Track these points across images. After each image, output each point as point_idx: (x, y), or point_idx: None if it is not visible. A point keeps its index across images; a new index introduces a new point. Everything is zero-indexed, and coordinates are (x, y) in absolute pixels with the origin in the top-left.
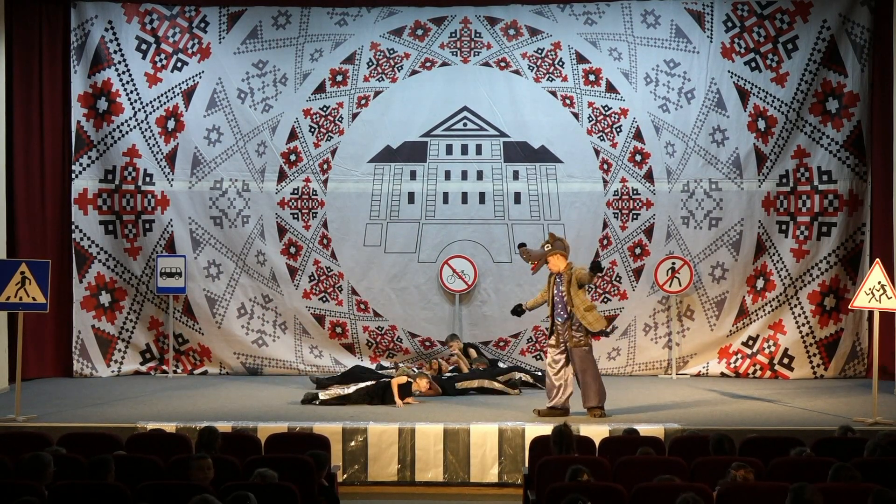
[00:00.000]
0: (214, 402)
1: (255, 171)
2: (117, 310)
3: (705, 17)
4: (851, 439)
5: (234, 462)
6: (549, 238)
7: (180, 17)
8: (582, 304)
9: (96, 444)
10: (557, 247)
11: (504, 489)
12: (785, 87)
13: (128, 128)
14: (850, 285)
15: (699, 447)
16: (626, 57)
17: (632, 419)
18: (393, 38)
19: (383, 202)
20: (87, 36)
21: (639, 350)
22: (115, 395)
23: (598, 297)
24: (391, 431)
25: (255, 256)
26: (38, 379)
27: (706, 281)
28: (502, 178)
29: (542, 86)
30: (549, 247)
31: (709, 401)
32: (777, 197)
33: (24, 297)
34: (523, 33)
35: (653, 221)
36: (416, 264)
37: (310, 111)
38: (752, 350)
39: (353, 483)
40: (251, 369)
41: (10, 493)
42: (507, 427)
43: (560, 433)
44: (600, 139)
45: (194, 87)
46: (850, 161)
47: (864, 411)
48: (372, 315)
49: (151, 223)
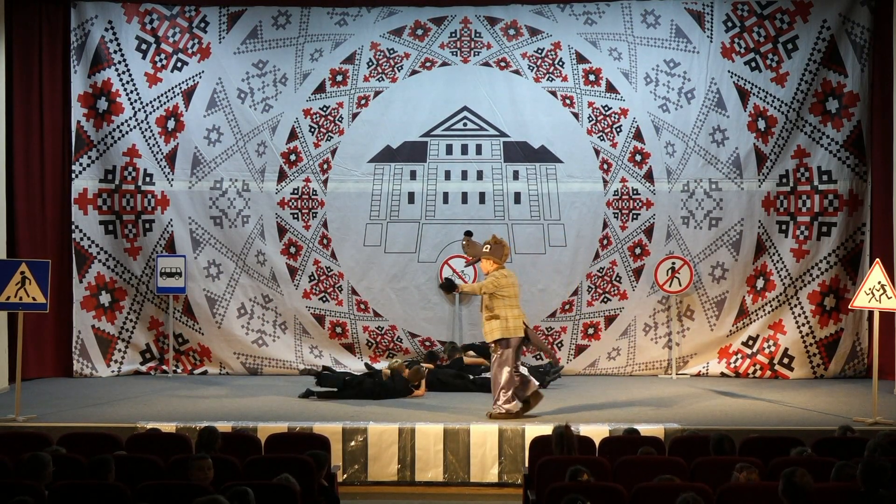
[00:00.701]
0: (214, 402)
1: (255, 171)
2: (117, 310)
3: (705, 17)
4: (851, 439)
5: (234, 462)
6: (492, 240)
7: (180, 17)
8: (488, 310)
9: (96, 444)
10: (494, 252)
11: (504, 489)
12: (785, 87)
13: (128, 128)
14: (850, 285)
15: (699, 447)
16: (626, 57)
17: (632, 419)
18: (393, 38)
19: (383, 202)
20: (87, 36)
21: (639, 350)
22: (115, 395)
23: (599, 297)
24: (391, 431)
25: (255, 256)
26: (38, 379)
27: (706, 281)
28: (502, 178)
29: (542, 86)
30: (488, 248)
31: (709, 401)
32: (777, 197)
33: (24, 297)
34: (523, 33)
35: (653, 221)
36: (416, 264)
37: (310, 111)
38: (752, 350)
39: (353, 483)
40: (251, 369)
41: (10, 493)
42: (507, 427)
43: (561, 436)
44: (600, 139)
45: (194, 87)
46: (850, 161)
47: (864, 411)
48: (372, 315)
49: (151, 223)
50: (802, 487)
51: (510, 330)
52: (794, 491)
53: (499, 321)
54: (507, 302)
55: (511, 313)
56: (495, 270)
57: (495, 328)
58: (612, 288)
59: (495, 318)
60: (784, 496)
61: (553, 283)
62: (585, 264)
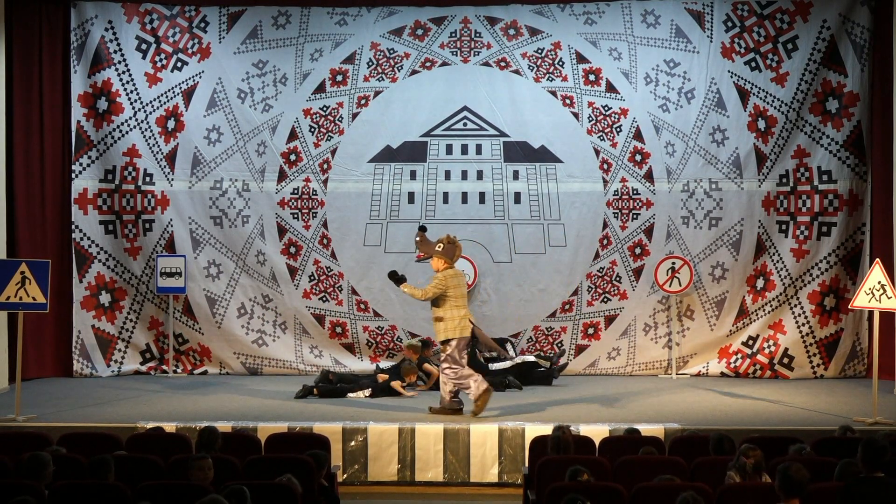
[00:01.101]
0: (214, 402)
1: (255, 171)
2: (117, 310)
3: (705, 17)
4: (851, 439)
5: (234, 462)
6: (446, 239)
7: (180, 17)
8: (433, 312)
9: (96, 444)
10: (446, 252)
11: (504, 489)
12: (785, 87)
13: (128, 128)
14: (850, 285)
15: (699, 447)
16: (626, 57)
17: (632, 419)
18: (393, 37)
19: (383, 202)
20: (87, 36)
21: (639, 350)
22: (115, 395)
23: (599, 296)
24: (391, 431)
25: (255, 256)
26: (38, 379)
27: (706, 281)
28: (502, 177)
29: (542, 86)
30: (441, 247)
31: (709, 401)
32: (777, 197)
33: (24, 297)
34: (523, 33)
35: (653, 221)
36: (416, 264)
37: (310, 111)
38: (752, 350)
39: (353, 483)
40: (251, 369)
41: (10, 493)
42: (507, 427)
43: (557, 440)
44: (600, 139)
45: (194, 86)
46: (850, 161)
47: (864, 411)
48: (372, 315)
49: (151, 223)
50: (799, 481)
51: (457, 330)
52: (789, 484)
53: (444, 323)
54: (453, 302)
55: (458, 313)
56: (444, 270)
57: (442, 329)
58: (612, 288)
59: (441, 320)
60: (780, 491)
61: (553, 283)
62: (585, 264)
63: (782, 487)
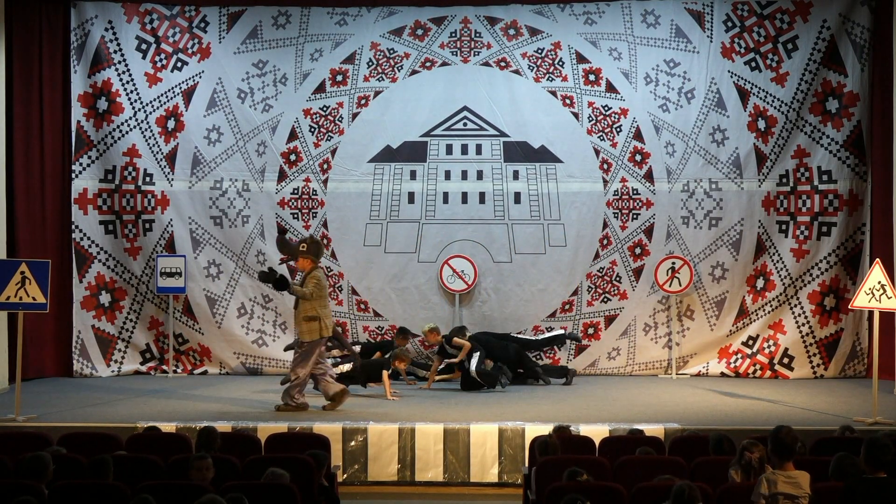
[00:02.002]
0: (214, 402)
1: (255, 171)
2: (117, 310)
3: (705, 17)
4: (851, 439)
5: (234, 462)
6: (308, 240)
7: (180, 17)
8: (303, 311)
9: (96, 444)
10: (311, 251)
11: (504, 489)
12: (785, 87)
13: (128, 128)
14: (850, 285)
15: (699, 447)
16: (626, 57)
17: (632, 419)
18: (393, 37)
19: (383, 202)
20: (87, 36)
21: (639, 350)
22: (115, 395)
23: (599, 296)
24: (391, 431)
25: (256, 256)
26: (38, 379)
27: (706, 281)
28: (502, 177)
29: (542, 86)
30: (304, 247)
31: (709, 401)
32: (777, 197)
33: (24, 297)
34: (523, 33)
35: (653, 221)
36: (415, 264)
37: (310, 111)
38: (752, 350)
39: (353, 483)
40: (251, 369)
41: (11, 493)
42: (507, 427)
43: (544, 443)
44: (600, 139)
45: (194, 86)
46: (850, 161)
47: (864, 411)
48: (372, 315)
49: (151, 223)
50: (790, 444)
51: (325, 330)
52: (782, 447)
53: (316, 322)
54: (322, 302)
55: (326, 313)
56: (312, 270)
57: (314, 329)
58: (612, 288)
59: (314, 320)
60: (774, 455)
61: (553, 283)
62: (585, 264)
63: (775, 451)
